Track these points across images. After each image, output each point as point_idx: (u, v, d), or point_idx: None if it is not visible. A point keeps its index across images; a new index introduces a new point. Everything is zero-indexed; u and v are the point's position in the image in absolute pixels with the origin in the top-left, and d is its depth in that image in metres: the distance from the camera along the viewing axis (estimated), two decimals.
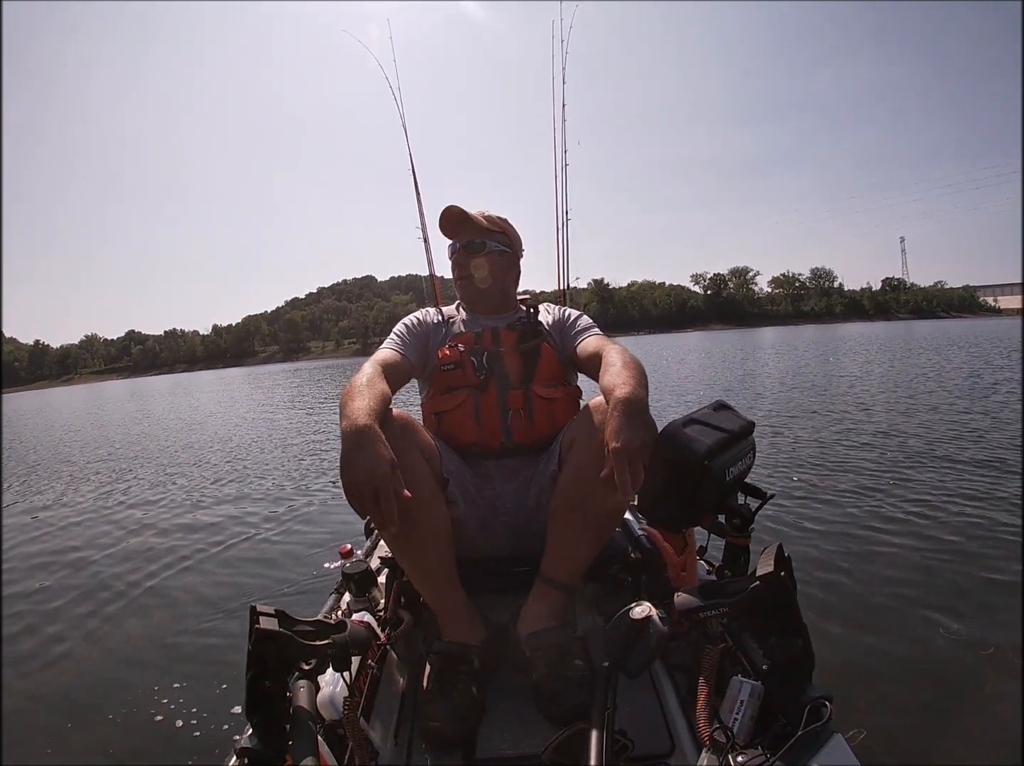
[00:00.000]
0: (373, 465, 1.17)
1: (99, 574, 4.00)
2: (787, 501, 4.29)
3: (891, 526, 3.70)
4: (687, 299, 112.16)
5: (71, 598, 3.61)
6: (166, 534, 4.83)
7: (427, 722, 1.30)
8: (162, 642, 2.92)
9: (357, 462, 1.17)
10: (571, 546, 1.48)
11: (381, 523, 1.18)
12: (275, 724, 1.01)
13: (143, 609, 3.36)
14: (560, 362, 1.77)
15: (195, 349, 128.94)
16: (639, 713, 1.32)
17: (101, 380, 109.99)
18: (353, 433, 1.21)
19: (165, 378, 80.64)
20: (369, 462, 1.17)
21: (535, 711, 1.35)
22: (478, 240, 1.81)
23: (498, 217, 1.86)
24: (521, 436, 1.67)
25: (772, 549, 1.14)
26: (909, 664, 2.30)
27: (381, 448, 1.20)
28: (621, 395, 1.28)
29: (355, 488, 1.16)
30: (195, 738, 2.13)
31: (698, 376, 15.78)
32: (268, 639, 1.00)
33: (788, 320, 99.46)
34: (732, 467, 1.50)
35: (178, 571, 3.91)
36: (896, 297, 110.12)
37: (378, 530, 1.33)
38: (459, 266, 1.83)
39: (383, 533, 1.45)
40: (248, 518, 5.06)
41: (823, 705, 1.01)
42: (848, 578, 3.02)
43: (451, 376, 1.71)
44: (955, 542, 3.37)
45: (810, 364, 16.96)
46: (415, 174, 3.17)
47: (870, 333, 39.38)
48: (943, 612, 2.62)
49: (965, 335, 28.50)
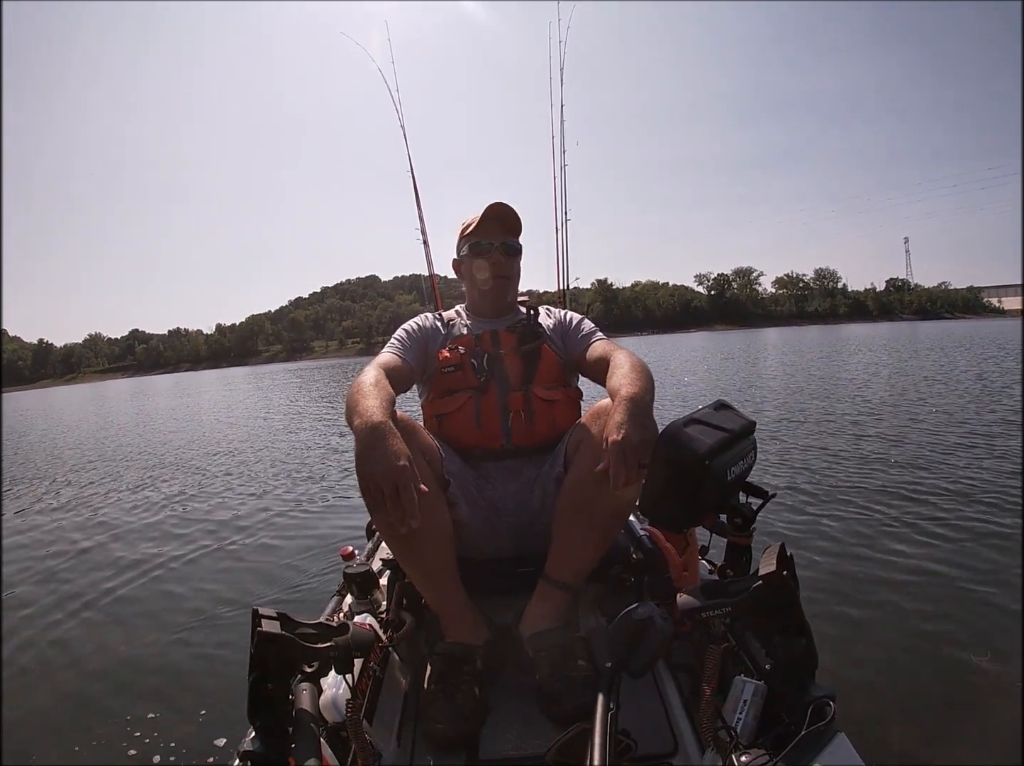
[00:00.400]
0: (391, 460, 1.18)
1: (99, 574, 4.01)
2: (789, 500, 4.30)
3: (893, 526, 3.70)
4: (691, 299, 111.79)
5: (71, 597, 3.62)
6: (165, 535, 4.84)
7: (430, 723, 1.30)
8: (162, 643, 2.92)
9: (374, 458, 1.18)
10: (576, 547, 1.48)
11: (401, 518, 1.17)
12: (277, 727, 1.01)
13: (142, 611, 3.36)
14: (560, 364, 1.77)
15: (199, 348, 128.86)
16: (642, 713, 1.32)
17: (105, 379, 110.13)
18: (369, 429, 1.22)
19: (168, 377, 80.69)
20: (387, 457, 1.18)
21: (538, 712, 1.35)
22: (515, 241, 1.81)
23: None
24: (521, 438, 1.67)
25: (774, 548, 1.14)
26: (912, 663, 2.30)
27: (398, 443, 1.21)
28: (627, 393, 1.30)
29: (372, 483, 1.17)
30: (197, 741, 2.13)
31: (702, 376, 15.77)
32: (270, 642, 1.00)
33: (792, 321, 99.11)
34: (733, 467, 1.50)
35: (178, 572, 3.92)
36: (900, 298, 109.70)
37: (388, 529, 1.34)
38: (497, 266, 1.79)
39: (386, 534, 1.45)
40: (249, 520, 5.06)
41: (826, 704, 1.01)
42: (851, 577, 3.02)
43: (452, 378, 1.71)
44: (957, 542, 3.37)
45: (815, 363, 16.93)
46: (414, 176, 3.17)
47: (874, 334, 39.27)
48: (945, 612, 2.62)
49: (971, 336, 28.39)
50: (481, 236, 1.79)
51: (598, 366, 1.64)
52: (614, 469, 1.20)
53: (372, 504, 1.19)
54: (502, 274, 1.81)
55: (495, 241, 1.78)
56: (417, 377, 1.75)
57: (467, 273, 1.86)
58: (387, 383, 1.45)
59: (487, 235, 1.79)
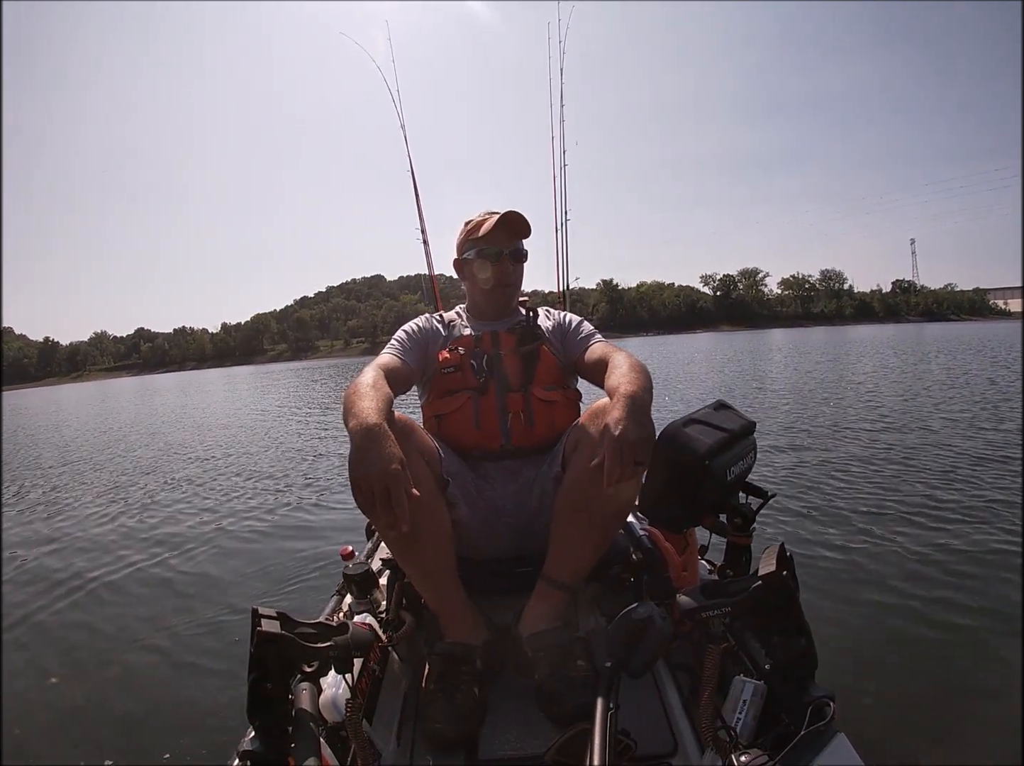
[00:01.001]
0: (384, 463, 1.18)
1: (99, 573, 4.03)
2: (789, 500, 4.29)
3: (895, 526, 3.69)
4: (696, 300, 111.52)
5: (70, 597, 3.64)
6: (164, 535, 4.85)
7: (429, 723, 1.30)
8: (162, 642, 2.93)
9: (367, 460, 1.18)
10: (575, 547, 1.48)
11: (391, 522, 1.17)
12: (277, 726, 1.01)
13: (142, 610, 3.38)
14: (559, 366, 1.77)
15: (204, 347, 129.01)
16: (642, 713, 1.32)
17: (110, 377, 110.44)
18: (363, 431, 1.22)
19: (173, 376, 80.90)
20: (380, 460, 1.18)
21: (537, 712, 1.35)
22: (522, 246, 1.81)
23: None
24: (520, 439, 1.67)
25: (774, 548, 1.14)
26: (911, 663, 2.30)
27: (391, 446, 1.21)
28: (625, 391, 1.30)
29: (365, 485, 1.17)
30: (197, 740, 2.14)
31: (709, 376, 15.73)
32: (270, 641, 1.00)
33: (797, 322, 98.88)
34: (733, 467, 1.50)
35: (177, 571, 3.93)
36: (906, 299, 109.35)
37: (385, 530, 1.33)
38: (503, 273, 1.78)
39: (385, 534, 1.46)
40: (249, 520, 5.07)
41: (826, 704, 1.01)
42: (851, 577, 3.02)
43: (451, 379, 1.71)
44: (958, 543, 3.37)
45: (821, 363, 16.87)
46: (414, 176, 3.17)
47: (881, 336, 39.14)
48: (946, 613, 2.62)
49: (979, 338, 28.24)
50: (491, 243, 1.76)
51: (597, 367, 1.63)
52: (609, 464, 1.19)
53: (363, 506, 1.19)
54: (508, 282, 1.80)
55: (505, 249, 1.76)
56: (416, 378, 1.75)
57: (469, 275, 1.85)
58: (385, 384, 1.45)
59: (496, 242, 1.76)
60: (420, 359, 1.75)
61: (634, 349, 1.64)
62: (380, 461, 1.18)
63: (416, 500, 1.22)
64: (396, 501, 1.16)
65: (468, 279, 1.87)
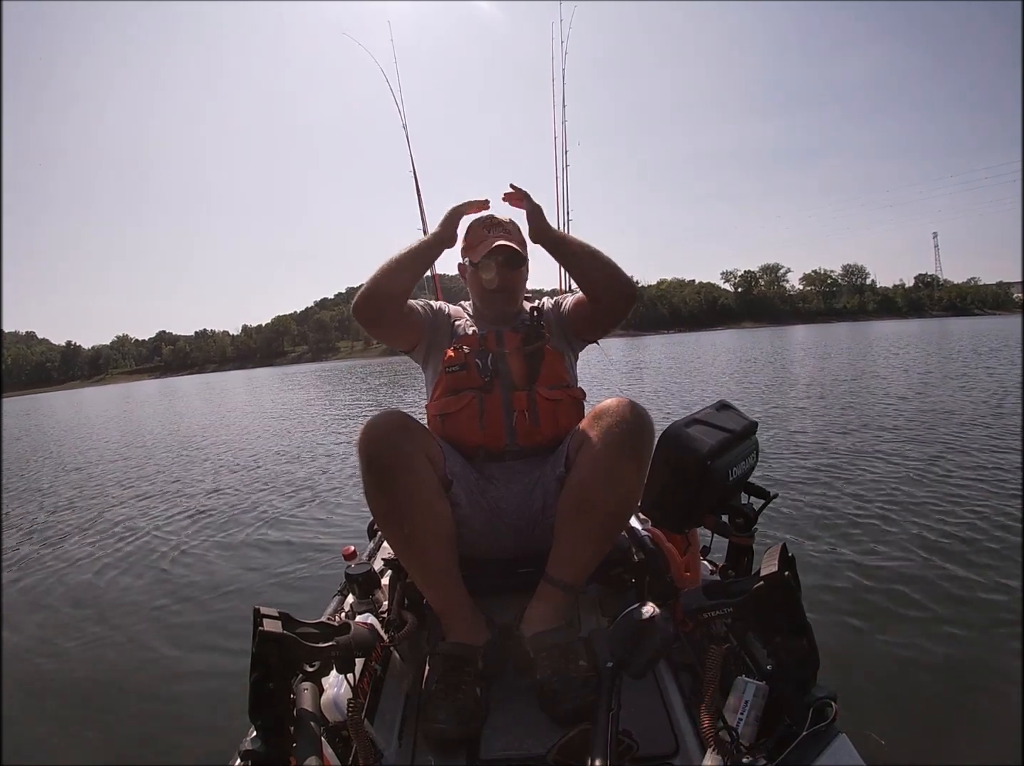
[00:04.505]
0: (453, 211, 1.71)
1: (97, 573, 4.09)
2: (791, 501, 4.27)
3: (895, 527, 3.67)
4: (717, 297, 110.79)
5: (69, 596, 3.70)
6: (165, 534, 4.92)
7: (431, 723, 1.30)
8: (163, 642, 2.97)
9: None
10: (578, 547, 1.48)
11: (484, 204, 1.76)
12: (279, 726, 1.02)
13: (142, 610, 3.42)
14: (564, 364, 1.78)
15: (225, 349, 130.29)
16: (643, 714, 1.31)
17: (132, 380, 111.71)
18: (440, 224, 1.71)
19: (195, 378, 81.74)
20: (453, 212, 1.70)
21: (539, 712, 1.35)
22: (522, 253, 1.81)
23: (510, 221, 1.86)
24: (525, 438, 1.67)
25: (776, 549, 1.14)
26: (913, 664, 2.29)
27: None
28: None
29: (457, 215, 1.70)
30: (198, 740, 2.16)
31: (735, 375, 15.61)
32: (272, 641, 1.01)
33: (820, 318, 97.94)
34: (735, 467, 1.50)
35: (179, 571, 3.98)
36: (930, 294, 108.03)
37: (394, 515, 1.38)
38: (501, 279, 1.79)
39: (387, 534, 1.47)
40: (250, 519, 5.13)
41: (828, 705, 1.01)
42: (852, 578, 3.01)
43: (456, 378, 1.71)
44: (958, 544, 3.35)
45: (843, 366, 16.64)
46: (416, 176, 3.18)
47: (905, 331, 38.59)
48: (947, 613, 2.61)
49: (1006, 334, 27.73)
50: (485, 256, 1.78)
51: (578, 302, 1.79)
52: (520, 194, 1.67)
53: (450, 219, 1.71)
54: (504, 287, 1.81)
55: (499, 257, 1.77)
56: (416, 337, 1.81)
57: (472, 279, 1.86)
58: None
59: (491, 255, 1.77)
60: (428, 325, 1.81)
61: (655, 347, 1.65)
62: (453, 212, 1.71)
63: (419, 500, 1.23)
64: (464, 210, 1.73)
65: (470, 283, 1.89)
